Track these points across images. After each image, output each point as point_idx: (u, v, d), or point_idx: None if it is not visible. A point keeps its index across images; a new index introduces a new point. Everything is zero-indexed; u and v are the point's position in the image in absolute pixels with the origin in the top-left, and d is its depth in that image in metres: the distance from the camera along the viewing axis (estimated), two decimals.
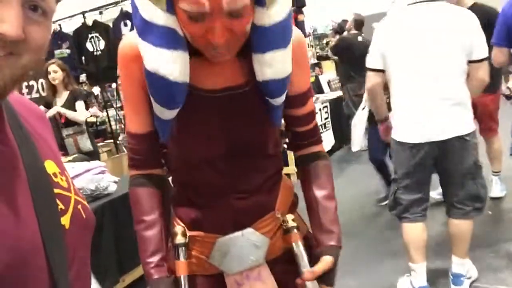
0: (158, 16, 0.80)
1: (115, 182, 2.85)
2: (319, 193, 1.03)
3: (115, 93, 6.48)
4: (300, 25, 5.43)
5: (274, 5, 0.82)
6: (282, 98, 0.95)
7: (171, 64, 0.83)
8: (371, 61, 2.21)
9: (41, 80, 4.61)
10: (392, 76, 2.16)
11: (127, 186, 1.04)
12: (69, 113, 3.88)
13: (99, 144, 5.56)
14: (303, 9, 5.79)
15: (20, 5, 0.50)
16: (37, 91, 4.81)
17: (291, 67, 0.91)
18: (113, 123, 5.98)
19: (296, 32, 0.96)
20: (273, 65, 0.88)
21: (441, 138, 2.09)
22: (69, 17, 5.17)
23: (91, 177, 2.74)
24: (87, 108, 4.10)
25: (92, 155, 3.81)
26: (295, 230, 1.02)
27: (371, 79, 2.23)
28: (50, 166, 0.62)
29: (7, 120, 0.60)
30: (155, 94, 0.89)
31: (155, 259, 0.96)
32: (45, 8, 0.54)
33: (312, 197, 1.04)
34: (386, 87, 2.27)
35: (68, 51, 4.93)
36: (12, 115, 0.62)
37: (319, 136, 1.11)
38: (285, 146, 1.13)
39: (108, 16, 5.05)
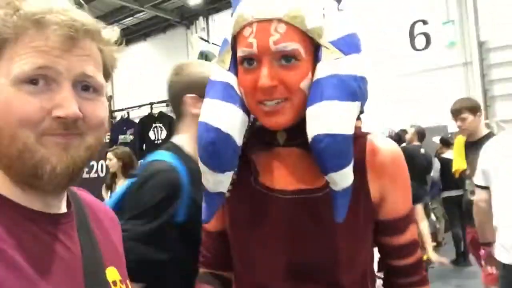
0: (220, 74, 0.84)
1: None
2: None
3: None
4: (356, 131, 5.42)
5: (331, 58, 0.77)
6: (342, 179, 0.76)
7: (220, 114, 0.80)
8: (476, 176, 2.30)
9: (101, 162, 4.82)
10: (493, 194, 2.17)
11: None
12: None
13: None
14: (361, 116, 5.83)
15: (71, 86, 0.55)
16: (96, 171, 5.01)
17: (351, 128, 0.77)
18: None
19: (392, 145, 0.86)
20: (321, 116, 0.75)
21: None
22: (138, 106, 5.54)
23: None
24: None
25: None
26: None
27: (476, 195, 2.30)
28: (111, 274, 0.62)
29: (76, 221, 0.61)
30: (200, 148, 0.82)
31: None
32: (94, 85, 0.57)
33: None
34: None
35: (131, 137, 5.20)
36: (83, 217, 0.63)
37: (423, 276, 0.90)
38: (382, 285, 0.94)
39: None
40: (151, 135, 5.05)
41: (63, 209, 0.60)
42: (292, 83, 0.76)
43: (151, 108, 5.26)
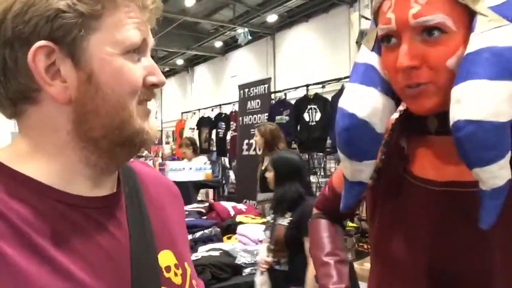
0: (363, 55, 0.77)
1: None
2: None
3: (321, 162, 6.69)
4: None
5: (487, 27, 0.62)
6: (490, 176, 0.62)
7: (357, 99, 0.74)
8: None
9: None
10: None
11: None
12: None
13: None
14: None
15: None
16: (254, 149, 5.34)
17: (507, 114, 0.60)
18: (314, 189, 6.15)
19: None
20: (464, 98, 0.61)
21: None
22: (295, 88, 5.66)
23: None
24: None
25: None
26: None
27: None
28: (165, 258, 0.58)
29: (125, 203, 0.57)
30: (336, 134, 0.78)
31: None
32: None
33: None
34: None
35: (287, 118, 5.35)
36: (135, 194, 0.60)
37: None
38: None
39: (329, 89, 5.32)
40: (306, 116, 5.11)
41: (113, 188, 0.57)
42: (436, 61, 0.66)
43: (307, 90, 5.31)
